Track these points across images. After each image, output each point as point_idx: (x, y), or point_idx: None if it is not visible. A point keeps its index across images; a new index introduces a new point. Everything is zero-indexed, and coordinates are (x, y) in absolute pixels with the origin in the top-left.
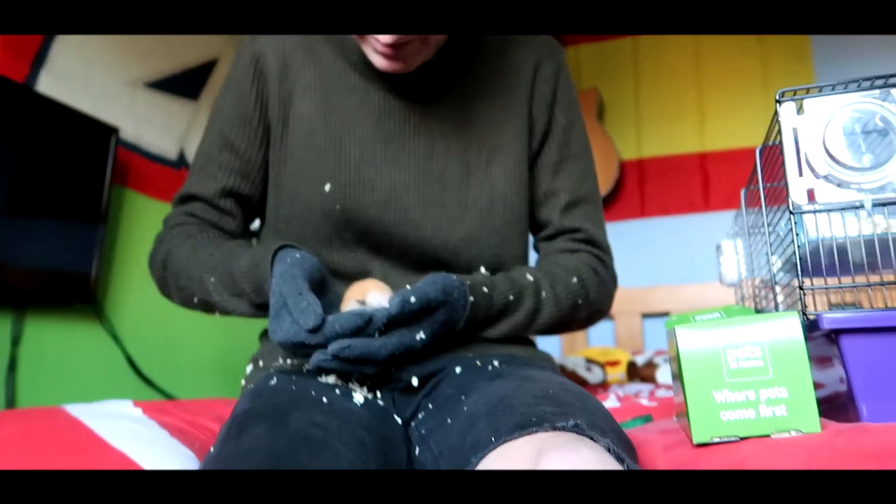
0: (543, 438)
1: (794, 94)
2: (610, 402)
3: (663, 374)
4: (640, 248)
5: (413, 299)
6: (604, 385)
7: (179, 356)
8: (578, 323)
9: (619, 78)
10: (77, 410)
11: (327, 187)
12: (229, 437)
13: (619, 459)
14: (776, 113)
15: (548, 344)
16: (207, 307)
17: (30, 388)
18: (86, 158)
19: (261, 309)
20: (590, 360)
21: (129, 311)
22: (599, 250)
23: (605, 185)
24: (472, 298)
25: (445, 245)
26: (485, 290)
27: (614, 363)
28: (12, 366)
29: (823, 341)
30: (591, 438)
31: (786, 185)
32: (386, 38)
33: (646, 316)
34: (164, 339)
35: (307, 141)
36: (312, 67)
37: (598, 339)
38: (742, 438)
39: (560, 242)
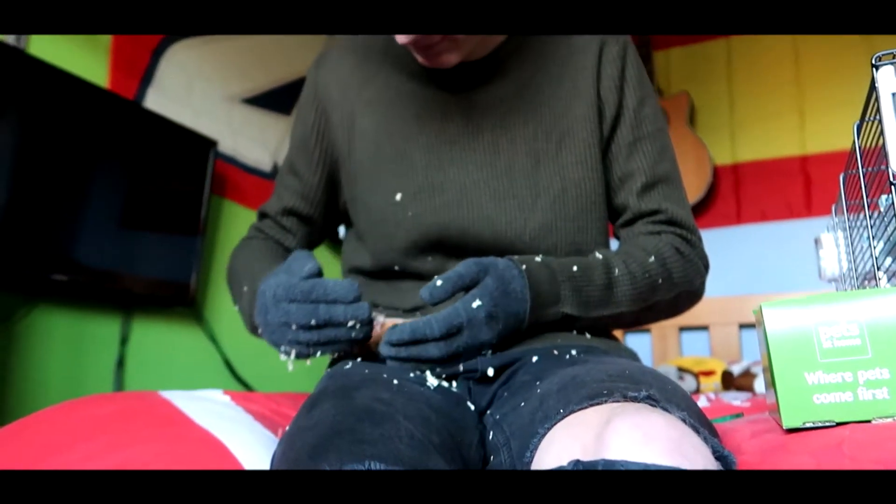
0: (613, 407)
1: (894, 58)
2: (700, 403)
3: (762, 384)
4: (736, 255)
5: (440, 282)
6: (696, 393)
7: (272, 357)
8: (666, 305)
9: (710, 80)
10: (169, 394)
11: (398, 197)
12: (301, 414)
13: (695, 430)
14: (873, 79)
15: (638, 354)
16: (242, 315)
17: (135, 383)
18: (187, 170)
19: (246, 310)
20: (682, 369)
21: (226, 314)
22: (683, 230)
23: (697, 190)
24: (524, 267)
25: (521, 237)
26: (538, 259)
27: (708, 373)
28: (120, 363)
29: None
30: (665, 410)
31: (885, 154)
32: (402, 39)
33: (743, 326)
34: (257, 341)
35: (373, 155)
36: (371, 84)
37: (692, 348)
38: (838, 424)
39: (640, 226)
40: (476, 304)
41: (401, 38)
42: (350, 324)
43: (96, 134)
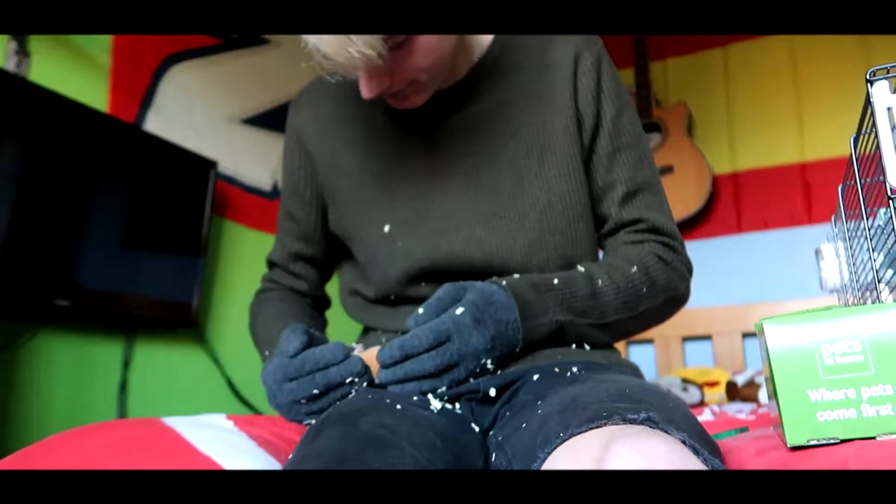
0: (613, 430)
1: (888, 73)
2: (704, 417)
3: (766, 395)
4: (737, 264)
5: (421, 310)
6: (701, 405)
7: None
8: (653, 313)
9: (708, 89)
10: (173, 421)
11: (386, 229)
12: (305, 441)
13: (695, 451)
14: (868, 94)
15: (641, 365)
16: None
17: (138, 406)
18: (188, 191)
19: None
20: (686, 381)
21: (229, 335)
22: (665, 237)
23: (697, 200)
24: (504, 282)
25: (512, 255)
26: (516, 275)
27: (713, 384)
28: (123, 386)
29: None
30: (665, 432)
31: (882, 168)
32: (366, 95)
33: (746, 335)
34: (259, 362)
35: (358, 193)
36: (350, 124)
37: (696, 359)
38: (843, 441)
39: (623, 236)
40: (459, 310)
41: (365, 94)
42: (348, 380)
43: (97, 158)
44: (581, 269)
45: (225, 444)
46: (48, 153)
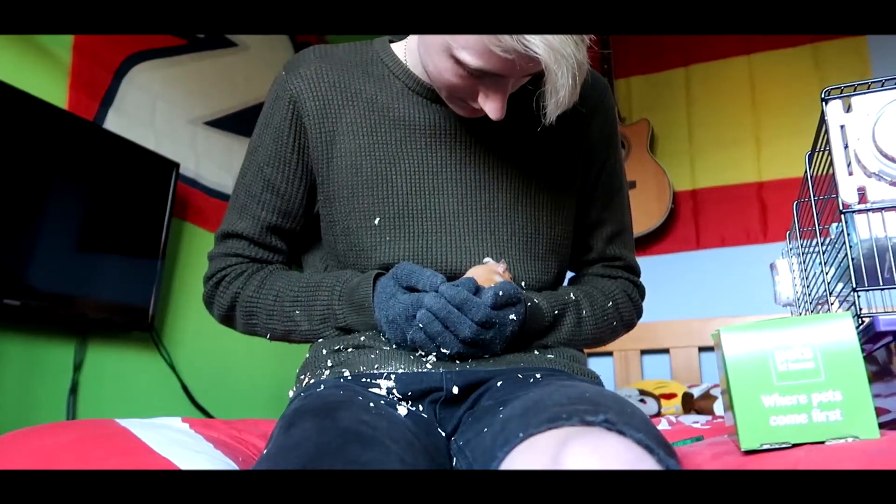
0: (570, 430)
1: (841, 92)
2: (661, 427)
3: (721, 407)
4: (695, 280)
5: (500, 293)
6: (658, 416)
7: (232, 384)
8: (610, 338)
9: (670, 108)
10: (127, 422)
11: (376, 221)
12: (279, 434)
13: (651, 451)
14: (823, 112)
15: (601, 377)
16: (286, 338)
17: (89, 410)
18: (148, 192)
19: (344, 332)
20: (644, 392)
21: (186, 339)
22: (635, 275)
23: (658, 216)
24: (529, 304)
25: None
26: (536, 300)
27: (670, 396)
28: (74, 389)
29: (881, 352)
30: (622, 433)
31: (835, 184)
32: (499, 103)
33: (703, 349)
34: (217, 368)
35: (353, 178)
36: (353, 105)
37: (654, 372)
38: (794, 445)
39: (600, 268)
40: (511, 317)
41: (499, 102)
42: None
43: (53, 155)
44: (573, 296)
45: (181, 445)
46: (1, 147)
